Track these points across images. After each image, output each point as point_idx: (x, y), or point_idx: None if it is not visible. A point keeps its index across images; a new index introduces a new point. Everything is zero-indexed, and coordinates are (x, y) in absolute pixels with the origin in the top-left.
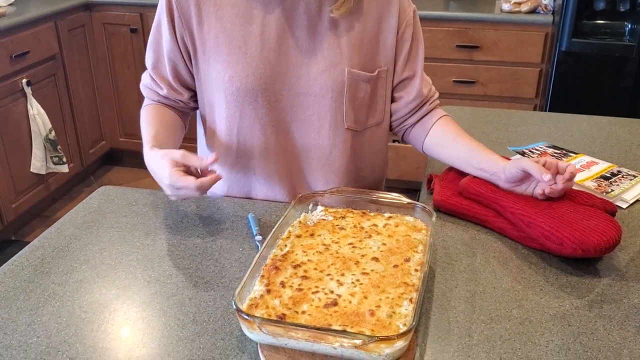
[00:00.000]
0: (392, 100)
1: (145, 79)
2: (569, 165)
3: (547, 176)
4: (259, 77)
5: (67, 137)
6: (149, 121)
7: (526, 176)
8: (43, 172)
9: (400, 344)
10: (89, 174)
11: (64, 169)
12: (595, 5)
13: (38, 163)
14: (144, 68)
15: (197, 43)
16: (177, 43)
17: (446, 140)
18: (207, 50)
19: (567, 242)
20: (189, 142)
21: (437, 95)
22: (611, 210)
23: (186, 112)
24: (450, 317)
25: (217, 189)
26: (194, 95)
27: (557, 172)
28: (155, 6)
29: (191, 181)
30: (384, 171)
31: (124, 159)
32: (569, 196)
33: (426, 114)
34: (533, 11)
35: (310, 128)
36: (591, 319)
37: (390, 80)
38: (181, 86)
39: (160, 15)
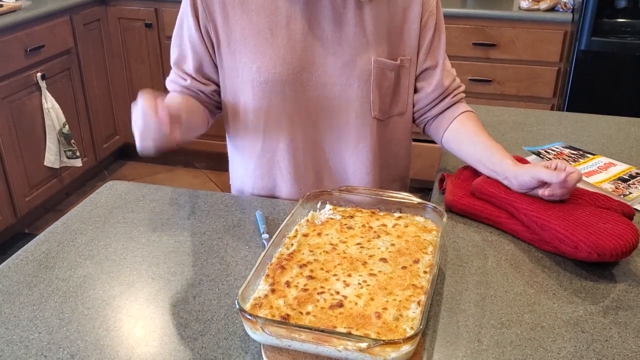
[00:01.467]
0: (415, 90)
1: (171, 75)
2: (574, 172)
3: (561, 175)
4: (287, 67)
5: (81, 131)
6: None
7: (540, 184)
8: (57, 166)
9: (406, 348)
10: (103, 169)
11: (78, 163)
12: (616, 4)
13: (52, 157)
14: (159, 63)
15: (221, 36)
16: (202, 36)
17: (463, 137)
18: (233, 43)
19: (582, 245)
20: (217, 140)
21: (461, 88)
22: (629, 213)
23: (210, 107)
24: (459, 321)
25: (242, 184)
26: (217, 91)
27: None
28: (170, 1)
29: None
30: (408, 164)
31: (137, 154)
32: (585, 198)
33: (448, 107)
34: (552, 9)
35: (337, 118)
36: (606, 325)
37: (413, 70)
38: (205, 79)
39: (184, 10)
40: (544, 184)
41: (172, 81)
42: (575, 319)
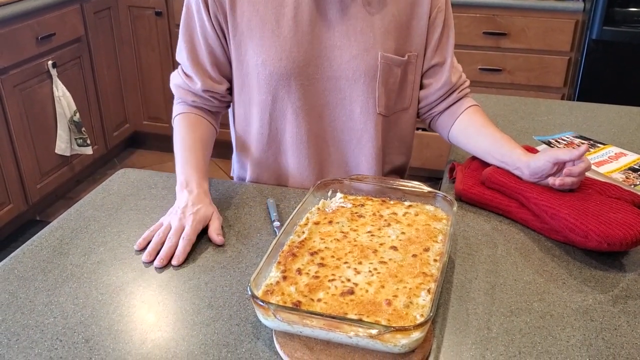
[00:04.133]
0: (421, 86)
1: (177, 79)
2: (583, 161)
3: (577, 150)
4: (292, 60)
5: (91, 120)
6: (184, 144)
7: (552, 171)
8: (67, 153)
9: (416, 334)
10: (113, 157)
11: (88, 151)
12: None
13: (63, 145)
14: (169, 51)
15: (229, 26)
16: (214, 26)
17: (471, 130)
18: (239, 34)
19: (592, 235)
20: (225, 128)
21: (467, 83)
22: (639, 203)
23: (219, 112)
24: (469, 309)
25: (245, 173)
26: (230, 88)
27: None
28: None
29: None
30: (408, 157)
31: (147, 142)
32: (595, 188)
33: (454, 102)
34: None
35: (342, 112)
36: (615, 314)
37: (420, 66)
38: (220, 75)
39: (192, 1)
40: (555, 172)
41: (180, 87)
42: (584, 308)
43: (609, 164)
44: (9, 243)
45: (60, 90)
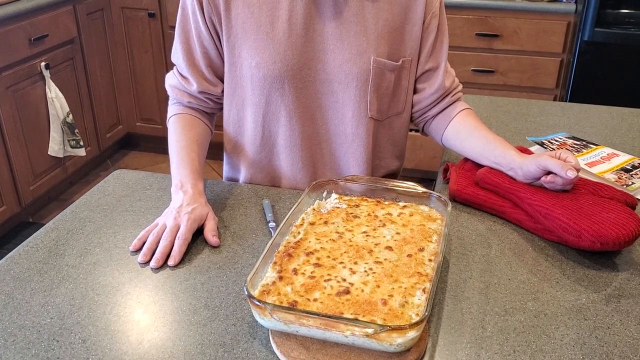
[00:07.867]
0: (415, 91)
1: (172, 79)
2: (569, 177)
3: (572, 173)
4: (286, 63)
5: (84, 121)
6: (179, 145)
7: (545, 173)
8: (60, 155)
9: (412, 333)
10: (106, 158)
11: (81, 152)
12: None
13: (56, 146)
14: (162, 52)
15: (224, 28)
16: (208, 27)
17: (464, 133)
18: (234, 36)
19: (585, 234)
20: (219, 130)
21: (460, 87)
22: (631, 203)
23: (214, 114)
24: (463, 308)
25: (237, 175)
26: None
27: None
28: None
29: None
30: (401, 161)
31: (140, 144)
32: (588, 188)
33: (447, 106)
34: None
35: (334, 115)
36: (608, 313)
37: (413, 71)
38: (215, 77)
39: (187, 3)
40: (548, 173)
41: (176, 87)
42: (578, 307)
43: (601, 164)
44: (2, 245)
45: (53, 92)
